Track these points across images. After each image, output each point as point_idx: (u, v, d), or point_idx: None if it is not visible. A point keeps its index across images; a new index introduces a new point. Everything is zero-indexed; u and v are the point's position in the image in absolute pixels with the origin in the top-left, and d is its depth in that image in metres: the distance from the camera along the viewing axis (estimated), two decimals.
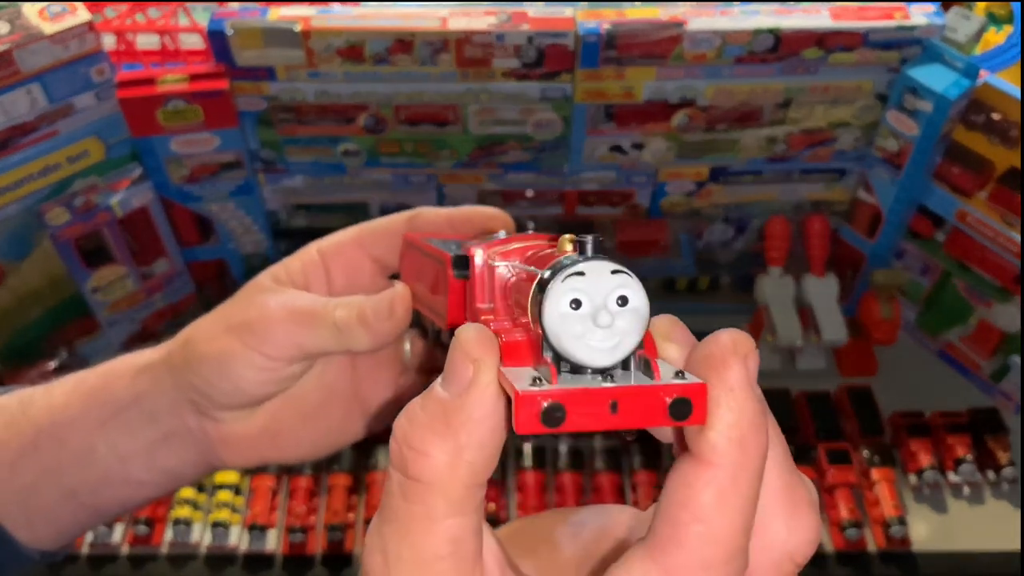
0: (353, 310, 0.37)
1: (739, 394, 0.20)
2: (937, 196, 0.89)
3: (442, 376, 0.22)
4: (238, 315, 0.38)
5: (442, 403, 0.21)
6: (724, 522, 0.19)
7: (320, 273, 0.41)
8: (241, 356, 0.37)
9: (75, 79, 0.81)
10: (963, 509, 0.89)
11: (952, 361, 1.00)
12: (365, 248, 0.41)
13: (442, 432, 0.21)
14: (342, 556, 0.86)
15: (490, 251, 0.31)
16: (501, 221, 0.41)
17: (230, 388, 0.38)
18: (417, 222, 0.40)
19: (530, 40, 0.81)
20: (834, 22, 0.81)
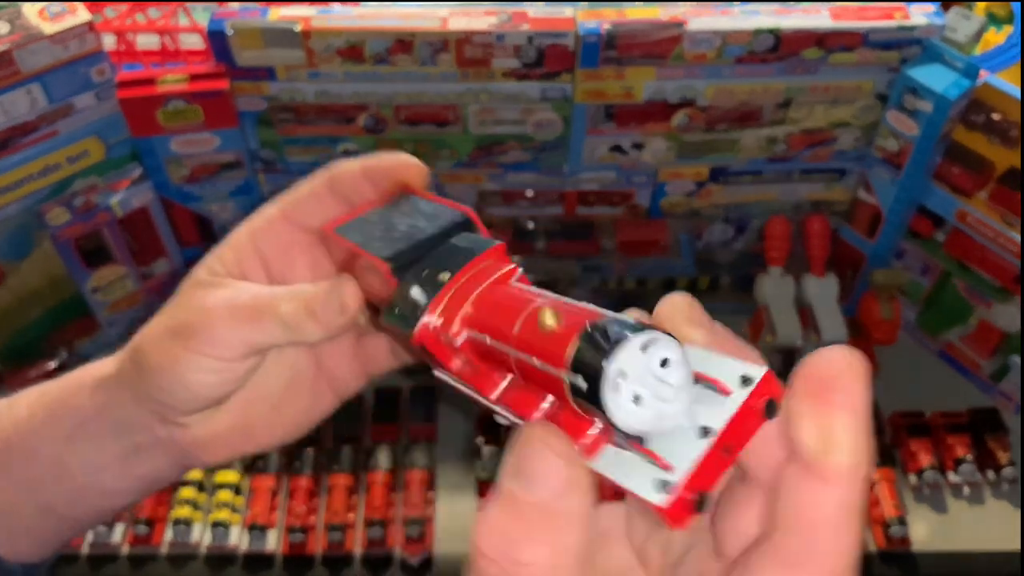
0: (300, 305, 0.35)
1: (862, 417, 0.20)
2: (937, 196, 0.89)
3: (520, 477, 0.21)
4: (180, 318, 0.37)
5: (539, 507, 0.21)
6: (850, 537, 0.20)
7: (254, 257, 0.39)
8: (190, 362, 0.36)
9: (75, 79, 0.81)
10: (963, 509, 0.89)
11: (952, 361, 1.00)
12: (293, 221, 0.39)
13: (545, 538, 0.21)
14: (342, 556, 0.86)
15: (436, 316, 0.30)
16: (416, 171, 0.38)
17: (187, 395, 0.37)
18: (337, 185, 0.38)
19: (530, 40, 0.81)
20: (834, 22, 0.81)
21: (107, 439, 0.40)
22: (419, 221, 0.36)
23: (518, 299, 0.28)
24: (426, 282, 0.31)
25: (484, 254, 0.31)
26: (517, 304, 0.27)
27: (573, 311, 0.25)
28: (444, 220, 0.35)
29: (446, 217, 0.35)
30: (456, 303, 0.30)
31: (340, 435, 0.94)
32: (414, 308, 0.30)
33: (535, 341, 0.25)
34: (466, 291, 0.30)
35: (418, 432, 0.94)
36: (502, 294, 0.30)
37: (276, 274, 0.39)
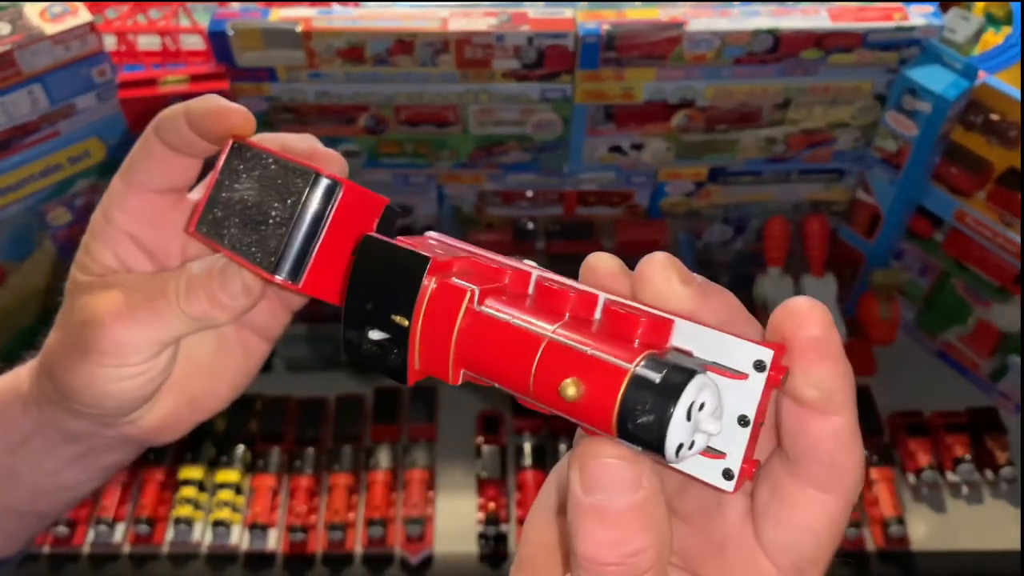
0: (201, 297, 0.34)
1: (840, 358, 0.24)
2: (936, 196, 0.90)
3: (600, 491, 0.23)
4: (77, 334, 0.35)
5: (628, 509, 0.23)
6: (859, 453, 0.25)
7: (123, 240, 0.36)
8: (106, 376, 0.34)
9: (76, 80, 0.81)
10: (962, 509, 0.89)
11: (951, 361, 1.00)
12: (140, 187, 0.36)
13: (644, 524, 0.23)
14: (343, 555, 0.86)
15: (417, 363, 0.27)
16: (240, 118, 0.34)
17: (117, 403, 0.36)
18: (164, 135, 0.35)
19: (530, 41, 0.81)
20: (833, 23, 0.81)
21: (55, 447, 0.39)
22: (277, 196, 0.32)
23: (511, 341, 0.26)
24: (383, 323, 0.28)
25: (427, 280, 0.27)
26: (514, 348, 0.25)
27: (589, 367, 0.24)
28: (309, 192, 0.31)
29: (308, 186, 0.31)
30: (434, 349, 0.27)
31: (340, 435, 0.94)
32: (389, 357, 0.28)
33: (563, 406, 0.25)
34: (435, 334, 0.27)
35: (418, 432, 0.94)
36: (487, 334, 0.26)
37: (153, 247, 0.37)
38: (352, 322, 0.28)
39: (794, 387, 0.24)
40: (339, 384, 0.99)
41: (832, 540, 0.26)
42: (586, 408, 0.24)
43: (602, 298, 0.26)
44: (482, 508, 0.88)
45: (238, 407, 0.94)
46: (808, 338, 0.24)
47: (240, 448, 0.92)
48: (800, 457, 0.25)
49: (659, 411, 0.22)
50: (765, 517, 0.26)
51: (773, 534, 0.26)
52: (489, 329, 0.26)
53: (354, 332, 0.28)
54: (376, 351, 0.28)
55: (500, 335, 0.26)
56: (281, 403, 0.96)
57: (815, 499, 0.25)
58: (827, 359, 0.24)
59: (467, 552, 0.87)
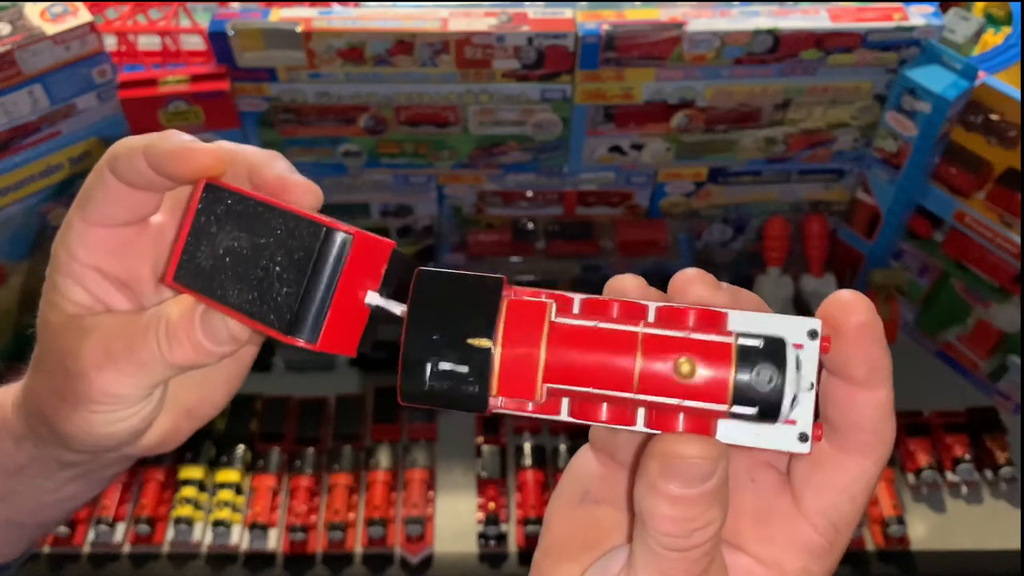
0: (185, 345, 0.32)
1: (882, 340, 0.28)
2: (935, 197, 0.90)
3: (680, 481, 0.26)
4: (64, 383, 0.34)
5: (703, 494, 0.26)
6: (894, 423, 0.29)
7: (92, 275, 0.34)
8: (99, 420, 0.33)
9: (77, 80, 0.81)
10: (961, 508, 0.90)
11: (950, 361, 1.00)
12: (101, 223, 0.34)
13: (714, 502, 0.26)
14: (343, 555, 0.86)
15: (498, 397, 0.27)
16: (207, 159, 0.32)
17: (115, 442, 0.35)
18: (122, 175, 0.33)
19: (530, 41, 0.81)
20: (833, 23, 0.81)
21: (55, 472, 0.38)
22: (276, 247, 0.30)
23: (606, 342, 0.26)
24: (455, 351, 0.27)
25: (503, 301, 0.27)
26: (613, 348, 0.26)
27: (693, 346, 0.26)
28: (321, 248, 0.29)
29: (319, 241, 0.29)
30: (518, 369, 0.26)
31: (341, 434, 0.94)
32: (464, 387, 0.27)
33: (676, 387, 0.26)
34: (520, 353, 0.26)
35: (418, 431, 0.95)
36: (577, 341, 0.26)
37: (123, 276, 0.35)
38: (414, 360, 0.27)
39: (844, 366, 0.28)
40: (339, 384, 0.99)
41: (865, 501, 0.29)
42: (700, 385, 0.25)
43: (652, 306, 0.27)
44: (482, 508, 0.88)
45: (238, 407, 0.95)
46: (857, 324, 0.27)
47: (240, 448, 0.92)
48: (847, 427, 0.28)
49: (773, 368, 0.25)
50: (806, 485, 0.29)
51: (814, 499, 0.28)
52: (576, 337, 0.26)
53: (416, 371, 0.27)
54: (446, 386, 0.27)
55: (590, 340, 0.26)
56: (281, 403, 0.96)
57: (855, 464, 0.28)
58: (874, 341, 0.27)
59: (467, 552, 0.87)
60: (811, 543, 0.29)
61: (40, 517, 0.41)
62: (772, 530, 0.29)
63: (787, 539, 0.29)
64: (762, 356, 0.25)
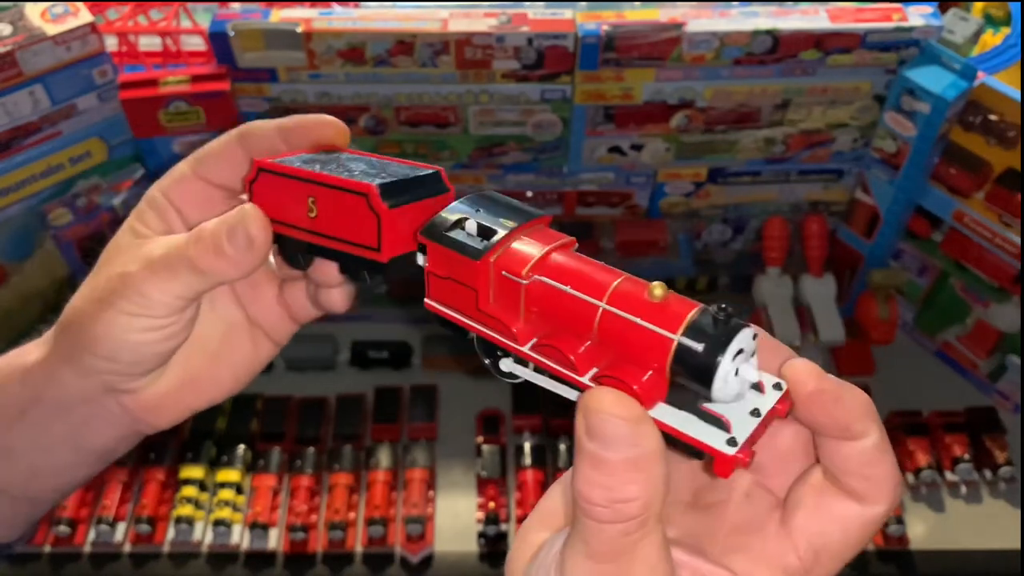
0: (209, 248, 0.35)
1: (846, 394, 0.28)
2: (934, 197, 0.90)
3: (599, 440, 0.26)
4: (104, 285, 0.37)
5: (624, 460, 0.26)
6: (893, 459, 0.29)
7: (173, 215, 0.39)
8: (128, 324, 0.36)
9: (77, 80, 0.81)
10: (960, 508, 0.90)
11: (950, 361, 1.00)
12: (206, 178, 0.39)
13: (637, 477, 0.26)
14: (343, 554, 0.86)
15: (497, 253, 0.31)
16: (334, 129, 0.38)
17: (133, 358, 0.37)
18: (249, 140, 0.38)
19: (530, 42, 0.81)
20: (832, 24, 0.81)
21: (51, 420, 0.40)
22: (376, 168, 0.35)
23: (601, 266, 0.30)
24: (484, 221, 0.31)
25: (535, 220, 0.32)
26: (604, 268, 0.30)
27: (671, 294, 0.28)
28: (412, 171, 0.35)
29: (413, 170, 0.35)
30: (519, 251, 0.30)
31: (341, 434, 0.94)
32: (473, 243, 0.31)
33: (641, 306, 0.28)
34: (528, 243, 0.31)
35: (418, 431, 0.95)
36: (575, 258, 0.30)
37: None
38: (453, 212, 0.32)
39: (815, 427, 0.29)
40: (339, 384, 0.99)
41: (859, 543, 0.29)
42: (661, 310, 0.27)
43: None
44: (482, 507, 0.89)
45: (239, 407, 0.96)
46: (806, 395, 0.28)
47: (241, 448, 0.92)
48: (839, 474, 0.29)
49: (727, 325, 0.27)
50: (799, 506, 0.29)
51: (804, 520, 0.29)
52: (577, 259, 0.30)
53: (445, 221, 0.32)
54: (460, 236, 0.31)
55: (587, 263, 0.30)
56: (282, 403, 0.96)
57: (850, 507, 0.29)
58: (830, 404, 0.28)
59: (467, 551, 0.87)
60: (786, 563, 0.29)
61: (31, 489, 0.42)
62: (751, 542, 0.30)
63: (763, 554, 0.29)
64: (724, 316, 0.27)
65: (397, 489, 0.90)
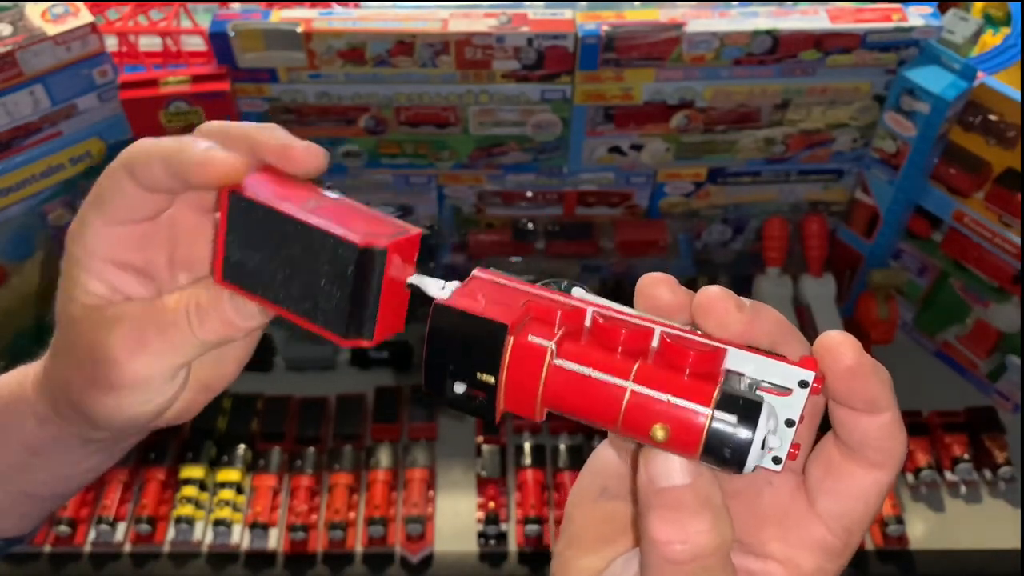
0: (216, 322, 0.34)
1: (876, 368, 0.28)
2: (934, 197, 0.90)
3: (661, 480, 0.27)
4: (93, 371, 0.35)
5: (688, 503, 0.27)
6: (905, 436, 0.30)
7: (111, 268, 0.35)
8: (129, 404, 0.35)
9: (78, 80, 0.81)
10: (960, 508, 0.90)
11: (949, 361, 1.00)
12: (119, 222, 0.35)
13: (704, 515, 0.27)
14: (343, 554, 0.86)
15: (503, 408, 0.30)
16: (226, 169, 0.32)
17: (143, 423, 0.37)
18: (139, 179, 0.33)
19: (530, 42, 0.81)
20: (832, 24, 0.81)
21: (76, 450, 0.40)
22: (316, 259, 0.31)
23: (595, 390, 0.28)
24: (467, 378, 0.30)
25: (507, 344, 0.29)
26: (600, 398, 0.28)
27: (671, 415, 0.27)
28: (358, 264, 0.31)
29: (355, 258, 0.31)
30: (520, 396, 0.29)
31: (341, 434, 0.94)
32: (475, 403, 0.30)
33: (651, 443, 0.28)
34: (521, 386, 0.29)
35: (418, 431, 0.95)
36: (571, 385, 0.29)
37: (140, 266, 0.36)
38: (434, 376, 0.30)
39: (843, 399, 0.29)
40: (339, 384, 0.99)
41: (879, 505, 0.30)
42: (674, 445, 0.27)
43: (658, 331, 0.29)
44: (482, 507, 0.89)
45: (239, 407, 0.96)
46: (845, 368, 0.28)
47: (241, 447, 0.92)
48: (856, 446, 0.29)
49: (739, 449, 0.27)
50: (820, 490, 0.30)
51: (828, 503, 0.30)
52: (571, 381, 0.29)
53: (437, 386, 0.30)
54: (462, 399, 0.30)
55: (583, 387, 0.29)
56: (282, 403, 0.96)
57: (867, 475, 0.29)
58: (865, 377, 0.28)
59: (467, 551, 0.87)
60: (826, 544, 0.30)
61: (57, 489, 0.43)
62: (788, 531, 0.30)
63: (803, 539, 0.30)
64: (732, 439, 0.27)
65: (397, 489, 0.90)
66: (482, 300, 0.30)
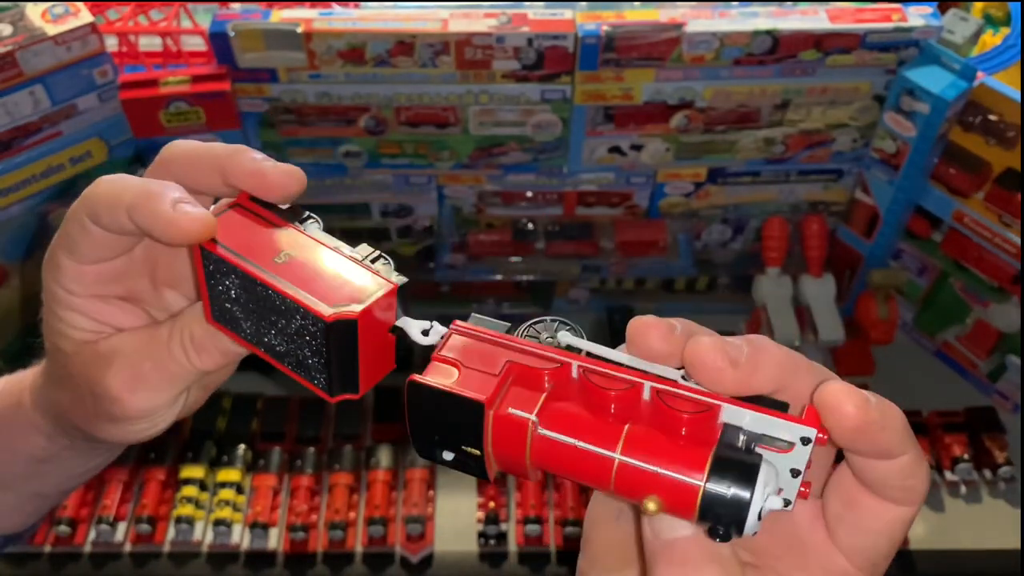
0: (214, 353, 0.34)
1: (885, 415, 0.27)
2: (934, 197, 0.90)
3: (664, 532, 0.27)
4: (95, 405, 0.34)
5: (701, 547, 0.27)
6: (927, 470, 0.29)
7: (94, 304, 0.35)
8: (136, 430, 0.35)
9: (78, 80, 0.81)
10: (960, 508, 0.90)
11: (949, 361, 1.00)
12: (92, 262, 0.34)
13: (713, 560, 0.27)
14: (343, 554, 0.86)
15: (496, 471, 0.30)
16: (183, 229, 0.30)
17: (151, 433, 0.37)
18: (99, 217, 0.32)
19: (530, 42, 0.81)
20: (832, 24, 0.81)
21: (83, 455, 0.40)
22: (291, 319, 0.31)
23: (582, 462, 0.28)
24: (453, 449, 0.30)
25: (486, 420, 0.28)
26: (589, 468, 0.28)
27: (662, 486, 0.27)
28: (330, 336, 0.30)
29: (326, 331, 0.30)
30: (509, 460, 0.29)
31: (341, 434, 0.94)
32: (467, 465, 0.30)
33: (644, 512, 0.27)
34: (508, 454, 0.29)
35: None
36: (557, 455, 0.28)
37: (123, 294, 0.36)
38: (422, 444, 0.30)
39: (854, 451, 0.28)
40: None
41: (903, 535, 0.29)
42: (669, 513, 0.27)
43: (647, 387, 0.28)
44: (482, 507, 0.89)
45: (239, 407, 0.96)
46: (851, 428, 0.26)
47: (241, 447, 0.92)
48: (874, 485, 0.28)
49: (737, 514, 0.26)
50: (840, 524, 0.29)
51: (850, 539, 0.29)
52: (558, 450, 0.28)
53: (426, 450, 0.30)
54: (453, 463, 0.30)
55: (570, 456, 0.28)
56: (282, 402, 0.96)
57: (891, 511, 0.28)
58: (872, 435, 0.27)
59: (467, 551, 0.87)
60: (848, 575, 0.29)
61: (65, 487, 0.44)
62: (808, 561, 0.30)
63: (824, 570, 0.29)
64: (727, 506, 0.26)
65: (397, 489, 0.90)
66: (459, 367, 0.29)
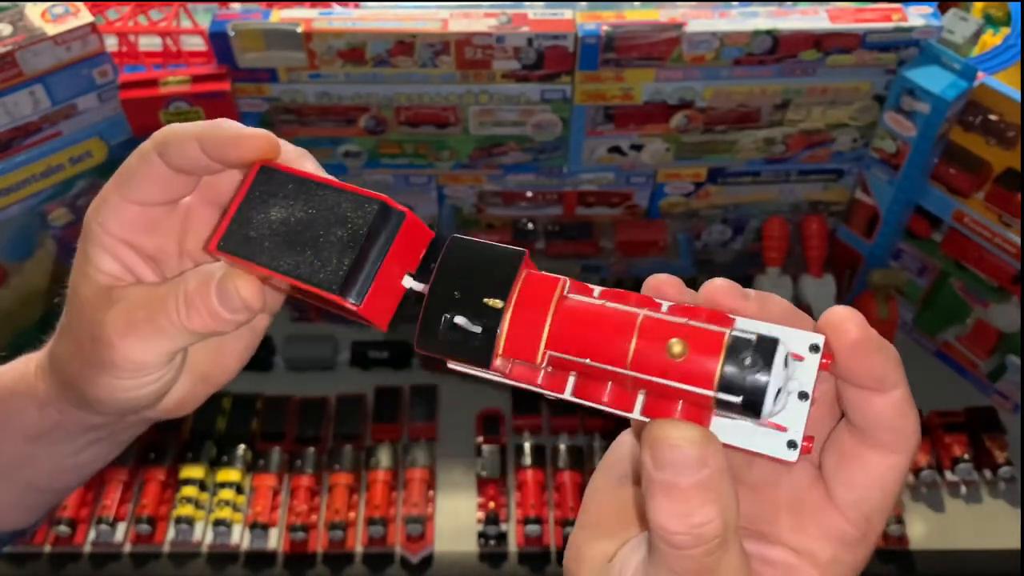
0: (202, 312, 0.34)
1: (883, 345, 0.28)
2: (934, 197, 0.90)
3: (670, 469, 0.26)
4: (92, 349, 0.35)
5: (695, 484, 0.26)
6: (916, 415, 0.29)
7: (123, 248, 0.36)
8: (123, 386, 0.35)
9: (78, 80, 0.81)
10: (960, 508, 0.90)
11: (949, 361, 1.00)
12: (137, 202, 0.35)
13: (709, 498, 0.26)
14: (343, 554, 0.86)
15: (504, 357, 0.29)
16: (262, 144, 0.34)
17: (138, 407, 0.37)
18: (168, 152, 0.34)
19: (530, 42, 0.81)
20: (832, 24, 0.81)
21: (76, 436, 0.40)
22: (331, 220, 0.32)
23: (608, 318, 0.28)
24: (470, 309, 0.29)
25: (521, 271, 0.29)
26: (613, 324, 0.28)
27: (689, 331, 0.27)
28: (376, 220, 0.31)
29: (374, 214, 0.31)
30: (524, 331, 0.29)
31: (341, 434, 0.94)
32: (472, 342, 0.29)
33: (667, 367, 0.27)
34: (528, 317, 0.29)
35: (419, 431, 0.95)
36: (581, 315, 0.28)
37: (150, 251, 0.37)
38: (433, 311, 0.30)
39: (852, 378, 0.28)
40: (339, 384, 0.99)
41: (897, 490, 0.30)
42: (689, 367, 0.27)
43: (665, 305, 0.29)
44: (482, 507, 0.89)
45: (239, 407, 0.96)
46: (851, 343, 0.28)
47: (241, 447, 0.92)
48: (868, 428, 0.29)
49: (760, 362, 0.26)
50: (835, 480, 0.30)
51: (845, 493, 0.29)
52: (582, 313, 0.28)
53: (433, 322, 0.30)
54: (458, 337, 0.29)
55: (593, 319, 0.28)
56: (282, 403, 0.96)
57: (883, 460, 0.29)
58: (872, 353, 0.28)
59: (467, 551, 0.87)
60: (843, 534, 0.30)
61: (58, 482, 0.43)
62: (805, 520, 0.30)
63: (819, 529, 0.30)
64: (752, 349, 0.26)
65: (397, 489, 0.90)
66: None
